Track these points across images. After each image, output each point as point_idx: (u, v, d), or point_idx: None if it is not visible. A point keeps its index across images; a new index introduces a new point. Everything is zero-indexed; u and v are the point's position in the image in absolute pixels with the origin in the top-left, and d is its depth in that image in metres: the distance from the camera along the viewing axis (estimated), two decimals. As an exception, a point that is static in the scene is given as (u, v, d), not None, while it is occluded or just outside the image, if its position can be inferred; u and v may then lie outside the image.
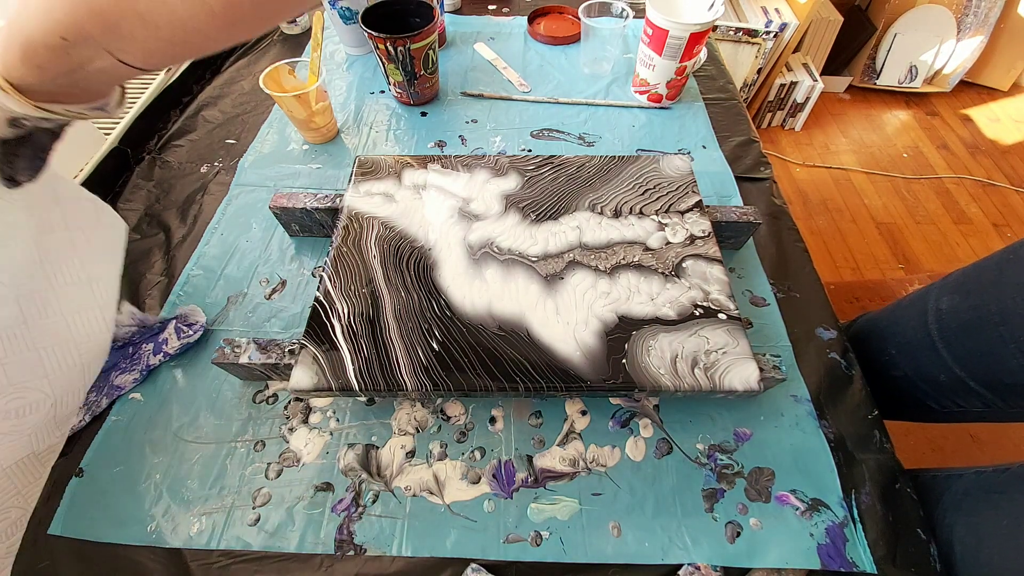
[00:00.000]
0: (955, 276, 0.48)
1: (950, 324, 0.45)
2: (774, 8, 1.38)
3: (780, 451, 0.40)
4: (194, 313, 0.45)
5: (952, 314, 0.45)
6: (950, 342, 0.45)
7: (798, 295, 0.49)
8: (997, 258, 0.44)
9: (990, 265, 0.45)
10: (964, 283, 0.46)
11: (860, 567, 0.35)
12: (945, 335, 0.45)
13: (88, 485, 0.38)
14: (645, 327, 0.39)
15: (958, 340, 0.44)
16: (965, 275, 0.47)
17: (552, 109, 0.67)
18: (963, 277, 0.47)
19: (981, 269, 0.46)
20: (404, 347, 0.38)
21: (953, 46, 1.62)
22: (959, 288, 0.46)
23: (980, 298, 0.43)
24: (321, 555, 0.35)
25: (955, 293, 0.46)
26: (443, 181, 0.49)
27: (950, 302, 0.46)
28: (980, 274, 0.45)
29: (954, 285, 0.47)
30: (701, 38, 0.59)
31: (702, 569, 0.35)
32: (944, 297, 0.47)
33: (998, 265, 0.43)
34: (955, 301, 0.45)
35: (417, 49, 0.59)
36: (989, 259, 0.46)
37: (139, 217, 0.56)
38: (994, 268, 0.44)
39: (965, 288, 0.45)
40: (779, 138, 1.66)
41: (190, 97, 0.70)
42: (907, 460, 0.41)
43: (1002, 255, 0.44)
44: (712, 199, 0.56)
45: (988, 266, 0.45)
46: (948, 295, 0.47)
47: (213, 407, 0.42)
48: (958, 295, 0.46)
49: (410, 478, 0.39)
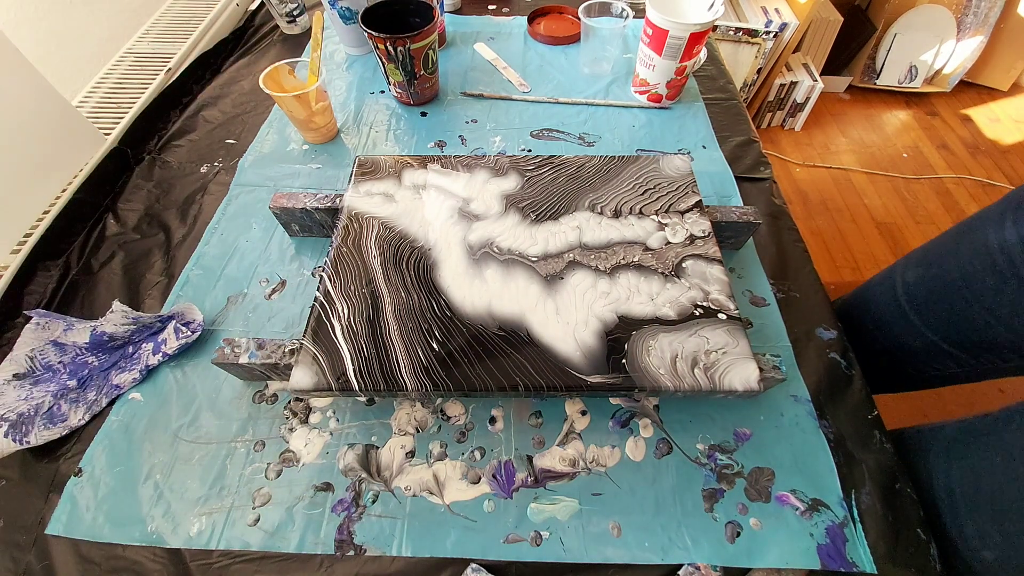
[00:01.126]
0: (917, 252, 0.53)
1: (918, 294, 0.50)
2: (774, 8, 1.38)
3: (780, 451, 0.40)
4: (190, 311, 0.45)
5: (918, 284, 0.50)
6: (920, 310, 0.49)
7: (798, 295, 0.49)
8: (953, 231, 0.49)
9: (947, 238, 0.49)
10: (925, 256, 0.51)
11: (860, 567, 0.35)
12: (915, 304, 0.50)
13: (88, 485, 0.38)
14: (645, 327, 0.39)
15: (927, 307, 0.49)
16: (925, 250, 0.52)
17: (552, 109, 0.67)
18: (923, 251, 0.52)
19: (939, 243, 0.50)
20: (404, 347, 0.38)
21: (953, 46, 1.62)
22: (921, 261, 0.51)
23: (941, 267, 0.47)
24: (321, 555, 0.35)
25: (918, 266, 0.51)
26: (443, 181, 0.49)
27: (915, 274, 0.51)
28: (939, 246, 0.50)
29: (917, 259, 0.52)
30: (701, 38, 0.59)
31: (702, 569, 0.35)
32: (909, 271, 0.52)
33: (954, 237, 0.48)
34: (919, 273, 0.50)
35: (417, 49, 0.59)
36: (946, 234, 0.50)
37: (139, 217, 0.56)
38: (951, 239, 0.48)
39: (927, 260, 0.50)
40: (779, 138, 1.66)
41: (190, 97, 0.70)
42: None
43: (957, 228, 0.48)
44: (712, 199, 0.56)
45: (945, 239, 0.49)
46: (912, 268, 0.51)
47: (213, 407, 0.42)
48: (921, 267, 0.50)
49: (410, 478, 0.39)
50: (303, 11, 0.78)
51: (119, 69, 0.72)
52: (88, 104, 0.66)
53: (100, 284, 0.50)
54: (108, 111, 0.65)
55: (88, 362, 0.43)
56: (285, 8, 0.76)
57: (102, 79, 0.70)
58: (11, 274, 0.49)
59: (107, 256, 0.52)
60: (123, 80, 0.70)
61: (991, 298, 0.42)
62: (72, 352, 0.43)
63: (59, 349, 0.44)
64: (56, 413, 0.41)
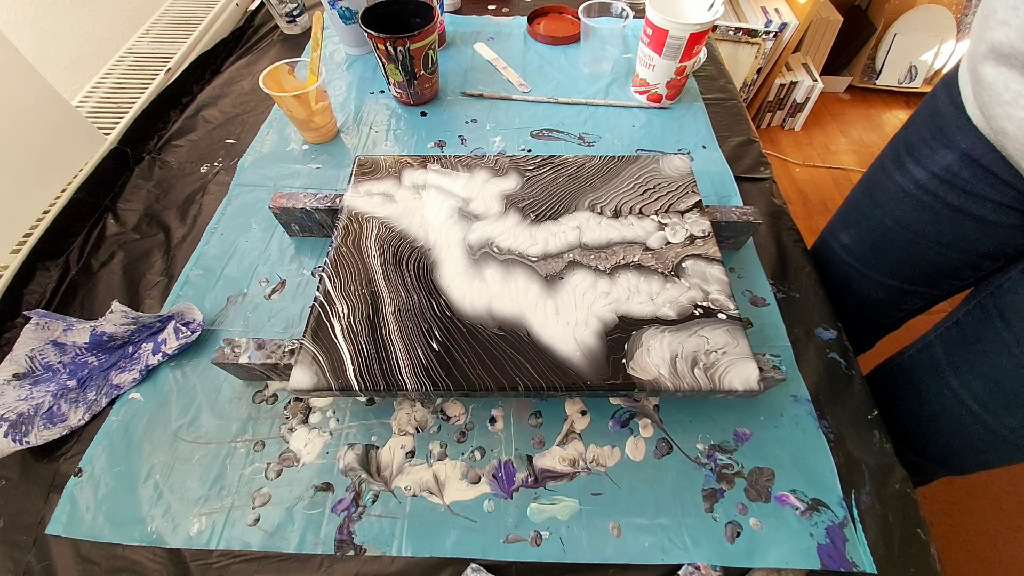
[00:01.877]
0: (837, 219, 0.57)
1: (861, 251, 0.53)
2: (774, 8, 1.38)
3: (780, 451, 0.40)
4: (190, 311, 0.45)
5: (858, 243, 0.53)
6: (871, 263, 0.53)
7: (798, 295, 0.49)
8: (860, 190, 0.54)
9: (859, 197, 0.54)
10: (849, 217, 0.55)
11: (860, 567, 0.35)
12: (863, 259, 0.53)
13: (88, 485, 0.38)
14: (645, 327, 0.39)
15: (876, 258, 0.52)
16: (844, 214, 0.56)
17: (552, 109, 0.67)
18: (844, 215, 0.56)
19: (854, 203, 0.55)
20: (404, 347, 0.38)
21: (953, 46, 1.62)
22: (848, 223, 0.55)
23: (871, 222, 0.51)
24: (321, 555, 0.35)
25: (848, 228, 0.55)
26: (443, 181, 0.49)
27: (848, 236, 0.54)
28: (855, 206, 0.54)
29: (842, 223, 0.56)
30: (701, 38, 0.59)
31: (702, 569, 0.35)
32: (841, 234, 0.55)
33: (867, 194, 0.52)
34: (852, 234, 0.54)
35: (417, 49, 0.59)
36: (853, 195, 0.55)
37: (139, 217, 0.56)
38: (865, 196, 0.52)
39: (853, 220, 0.54)
40: (779, 138, 1.66)
41: (190, 97, 0.70)
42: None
43: (863, 187, 0.53)
44: (712, 199, 0.56)
45: (857, 197, 0.54)
46: (843, 232, 0.55)
47: (213, 407, 0.42)
48: (851, 228, 0.54)
49: (410, 478, 0.39)
50: (303, 11, 0.78)
51: (119, 69, 0.72)
52: (88, 104, 0.66)
53: (100, 284, 0.50)
54: (108, 111, 0.65)
55: (88, 362, 0.43)
56: (285, 8, 0.76)
57: (102, 79, 0.70)
58: (11, 274, 0.49)
59: (107, 256, 0.52)
60: (123, 80, 0.70)
61: (932, 231, 0.45)
62: (72, 352, 0.43)
63: (59, 349, 0.44)
64: (56, 413, 0.41)
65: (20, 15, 0.82)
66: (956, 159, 0.41)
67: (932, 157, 0.43)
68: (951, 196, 0.42)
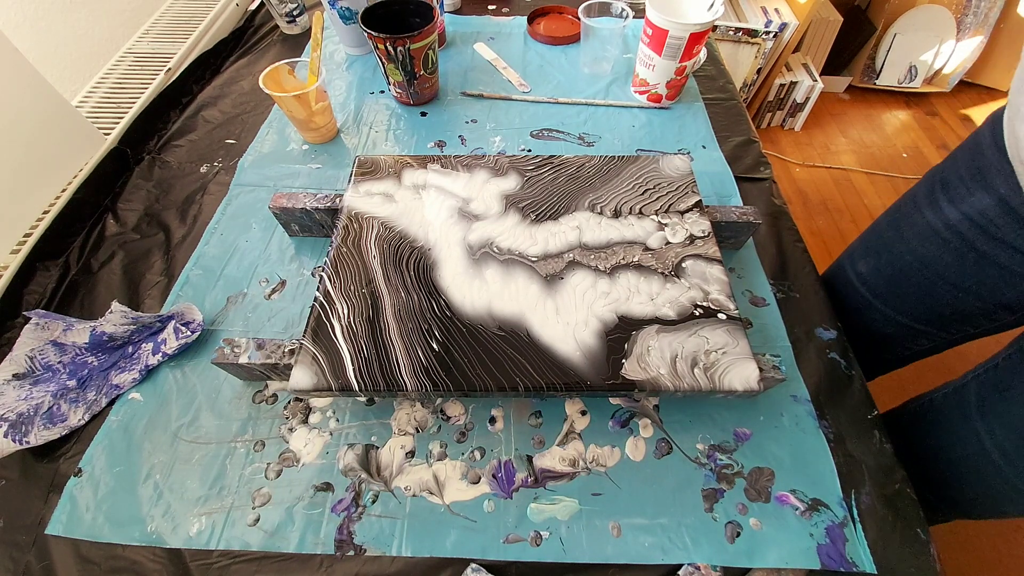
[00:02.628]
0: (857, 246, 0.55)
1: (877, 283, 0.51)
2: (774, 8, 1.38)
3: (780, 451, 0.40)
4: (190, 311, 0.45)
5: (875, 274, 0.51)
6: (884, 298, 0.51)
7: (798, 295, 0.49)
8: (887, 220, 0.51)
9: (884, 227, 0.51)
10: (869, 247, 0.53)
11: (860, 567, 0.35)
12: (877, 293, 0.51)
13: (87, 485, 0.38)
14: (645, 327, 0.39)
15: (890, 293, 0.50)
16: (866, 242, 0.54)
17: (552, 109, 0.67)
18: (864, 243, 0.54)
19: (877, 232, 0.53)
20: (404, 347, 0.38)
21: (953, 46, 1.62)
22: (868, 252, 0.53)
23: (892, 254, 0.49)
24: (321, 555, 0.35)
25: (867, 257, 0.53)
26: (443, 181, 0.49)
27: (867, 266, 0.52)
28: (878, 235, 0.52)
29: (861, 251, 0.54)
30: (701, 38, 0.59)
31: (702, 569, 0.35)
32: (859, 263, 0.53)
33: (892, 224, 0.50)
34: (871, 264, 0.52)
35: (417, 49, 0.59)
36: (880, 223, 0.53)
37: (139, 217, 0.56)
38: (890, 227, 0.50)
39: (873, 250, 0.52)
40: (779, 138, 1.66)
41: (190, 97, 0.70)
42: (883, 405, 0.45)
43: (890, 217, 0.51)
44: (712, 199, 0.56)
45: (882, 228, 0.52)
46: (861, 260, 0.53)
47: (213, 407, 0.42)
48: (871, 257, 0.52)
49: (410, 478, 0.39)
50: (303, 11, 0.78)
51: (119, 69, 0.72)
52: (88, 104, 0.66)
53: (100, 284, 0.50)
54: (108, 111, 0.65)
55: (88, 362, 0.43)
56: (285, 8, 0.76)
57: (102, 79, 0.70)
58: (11, 274, 0.49)
59: (107, 256, 0.52)
60: (123, 80, 0.70)
61: (953, 274, 0.44)
62: (72, 352, 0.43)
63: (59, 349, 0.44)
64: (56, 413, 0.41)
65: (20, 15, 0.82)
66: (992, 204, 0.39)
67: (967, 198, 0.41)
68: (980, 241, 0.41)
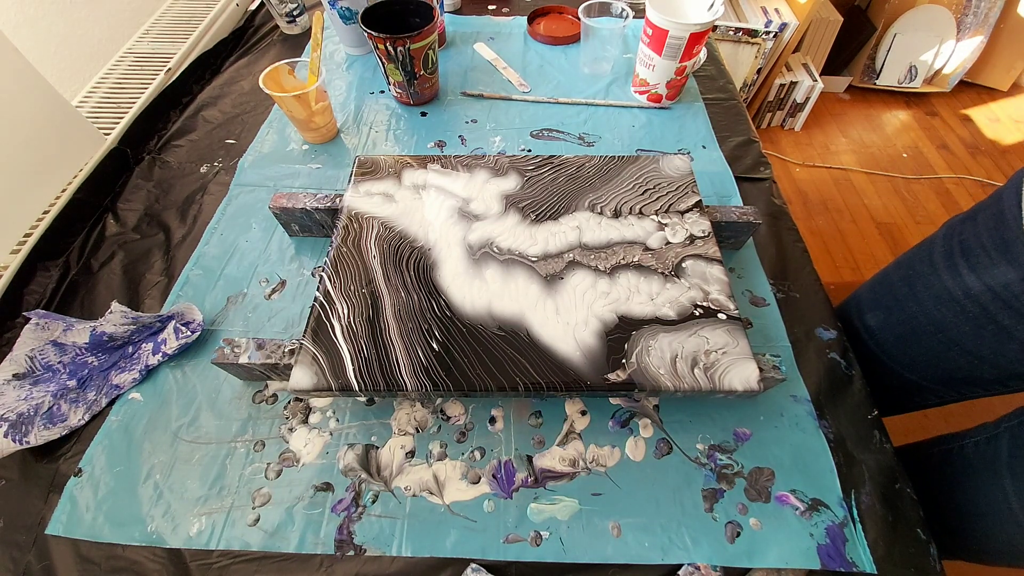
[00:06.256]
0: (864, 293, 0.53)
1: (886, 339, 0.49)
2: (774, 8, 1.38)
3: (780, 451, 0.40)
4: (190, 311, 0.45)
5: (885, 329, 0.49)
6: (893, 354, 0.49)
7: (798, 295, 0.49)
8: (900, 275, 0.49)
9: (896, 280, 0.49)
10: (879, 300, 0.50)
11: (860, 567, 0.35)
12: (885, 349, 0.49)
13: (87, 485, 0.38)
14: (645, 327, 0.39)
15: (900, 351, 0.48)
16: (875, 292, 0.52)
17: (552, 109, 0.67)
18: (873, 293, 0.52)
19: (888, 284, 0.50)
20: (404, 347, 0.38)
21: (953, 46, 1.62)
22: (877, 304, 0.50)
23: (904, 312, 0.47)
24: (321, 555, 0.35)
25: (876, 310, 0.50)
26: (443, 181, 0.49)
27: (876, 319, 0.50)
28: (889, 289, 0.49)
29: (870, 302, 0.51)
30: (701, 38, 0.59)
31: (702, 569, 0.35)
32: (867, 315, 0.51)
33: (905, 280, 0.47)
34: (880, 318, 0.50)
35: (417, 49, 0.59)
36: (891, 274, 0.50)
37: (139, 217, 0.56)
38: (903, 283, 0.48)
39: (884, 304, 0.50)
40: (779, 138, 1.66)
41: (190, 97, 0.70)
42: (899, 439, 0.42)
43: (903, 272, 0.48)
44: (712, 199, 0.56)
45: (894, 282, 0.49)
46: (869, 312, 0.51)
47: (213, 407, 0.42)
48: (880, 311, 0.50)
49: (410, 478, 0.39)
50: (303, 11, 0.78)
51: (119, 69, 0.72)
52: (88, 104, 0.66)
53: (100, 284, 0.50)
54: (108, 111, 0.65)
55: (88, 362, 0.43)
56: (285, 8, 0.76)
57: (102, 79, 0.70)
58: (11, 274, 0.49)
59: (107, 256, 0.52)
60: (123, 80, 0.70)
61: (970, 342, 0.42)
62: (72, 352, 0.43)
63: (59, 349, 0.44)
64: (56, 413, 0.41)
65: (20, 15, 0.82)
66: (1018, 279, 0.37)
67: (991, 270, 0.39)
68: (1003, 315, 0.39)
